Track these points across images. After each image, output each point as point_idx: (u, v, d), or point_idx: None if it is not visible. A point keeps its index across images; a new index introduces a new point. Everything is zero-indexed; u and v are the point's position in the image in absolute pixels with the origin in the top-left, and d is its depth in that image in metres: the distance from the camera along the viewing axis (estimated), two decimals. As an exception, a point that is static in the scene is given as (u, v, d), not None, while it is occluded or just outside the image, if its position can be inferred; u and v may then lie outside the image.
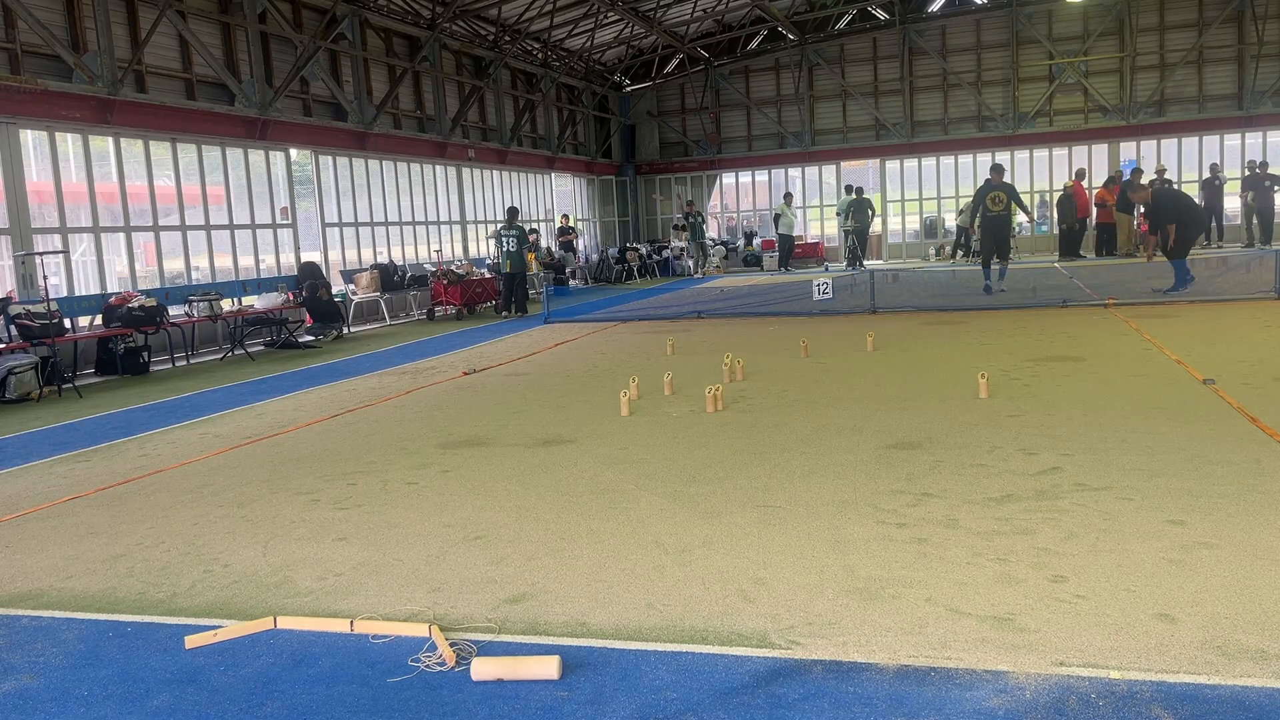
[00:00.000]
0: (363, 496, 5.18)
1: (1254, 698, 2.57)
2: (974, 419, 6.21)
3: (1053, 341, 9.55)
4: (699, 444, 5.96)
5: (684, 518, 4.44)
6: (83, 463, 6.51)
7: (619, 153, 28.41)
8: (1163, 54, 23.90)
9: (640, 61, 27.16)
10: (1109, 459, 5.03)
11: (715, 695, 2.76)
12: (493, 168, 21.92)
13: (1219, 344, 8.81)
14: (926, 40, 25.43)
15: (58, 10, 11.93)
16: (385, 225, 18.31)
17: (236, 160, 14.83)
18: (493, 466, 5.68)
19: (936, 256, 24.79)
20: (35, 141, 11.80)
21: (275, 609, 3.58)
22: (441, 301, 16.75)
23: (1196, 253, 15.38)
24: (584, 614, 3.39)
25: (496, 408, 7.66)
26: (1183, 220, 12.93)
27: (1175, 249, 12.89)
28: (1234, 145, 23.83)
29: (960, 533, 4.01)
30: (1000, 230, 14.49)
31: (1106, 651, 2.87)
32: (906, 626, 3.13)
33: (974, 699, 2.65)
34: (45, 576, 4.17)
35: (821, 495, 4.69)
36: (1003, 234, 14.64)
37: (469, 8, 19.37)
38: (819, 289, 14.01)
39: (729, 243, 27.47)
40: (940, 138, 25.77)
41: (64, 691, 3.04)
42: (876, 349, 9.67)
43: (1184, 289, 12.69)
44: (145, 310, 11.38)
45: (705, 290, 19.33)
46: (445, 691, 2.88)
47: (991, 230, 14.37)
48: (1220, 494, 4.34)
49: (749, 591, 3.50)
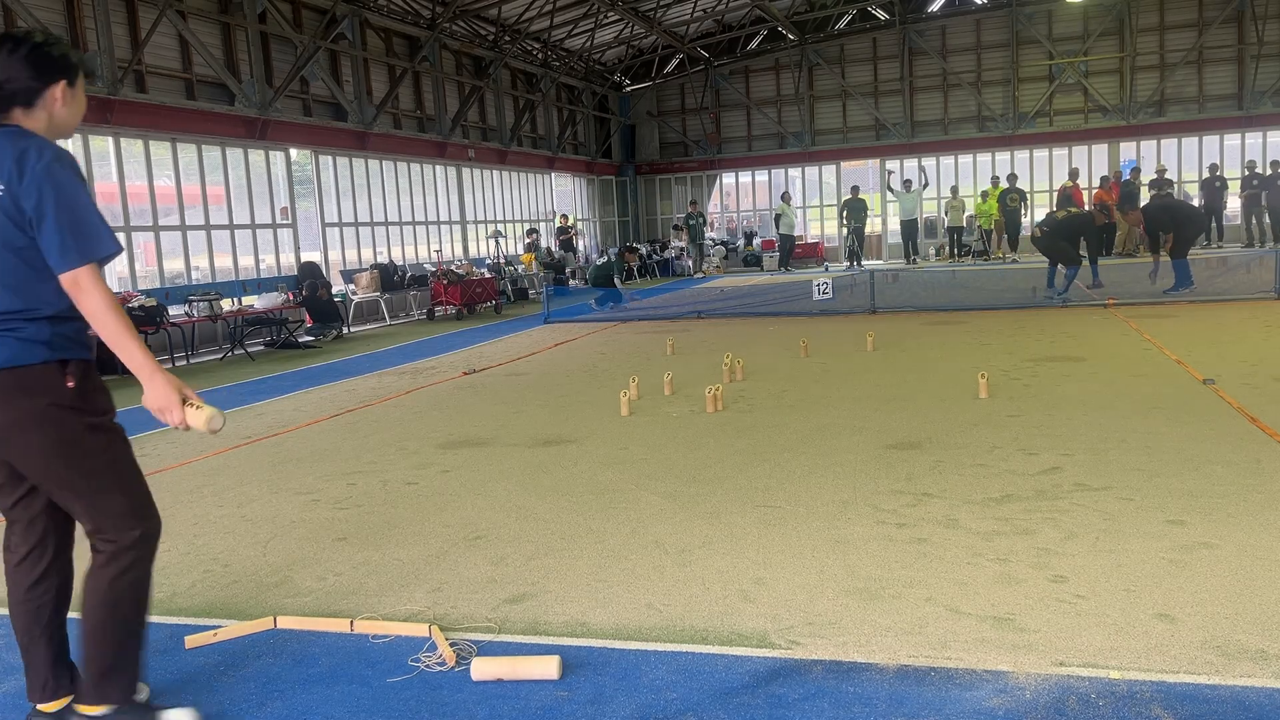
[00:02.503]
0: (363, 496, 5.18)
1: (1254, 698, 2.57)
2: (974, 419, 6.21)
3: (1053, 341, 9.55)
4: (699, 444, 5.96)
5: (684, 518, 4.44)
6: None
7: (619, 153, 28.41)
8: (1163, 54, 23.91)
9: (640, 61, 27.16)
10: (1109, 459, 5.03)
11: (715, 695, 2.76)
12: (493, 168, 21.93)
13: (1219, 344, 8.81)
14: (926, 40, 25.44)
15: (57, 10, 11.94)
16: (385, 225, 18.31)
17: (236, 160, 14.84)
18: (493, 466, 5.68)
19: (936, 257, 24.79)
20: (35, 141, 11.79)
21: (275, 609, 3.58)
22: (441, 301, 16.75)
23: (1196, 253, 15.37)
24: (584, 614, 3.39)
25: (496, 408, 7.66)
26: (1178, 225, 13.01)
27: (1175, 250, 12.94)
28: (1234, 145, 23.83)
29: (960, 533, 4.01)
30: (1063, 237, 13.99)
31: (1106, 651, 2.87)
32: (906, 626, 3.13)
33: (974, 699, 2.65)
34: (45, 576, 4.17)
35: (821, 495, 4.69)
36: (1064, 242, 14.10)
37: (469, 8, 19.37)
38: (819, 289, 14.02)
39: (729, 243, 27.48)
40: (940, 138, 25.77)
41: (64, 691, 3.04)
42: (876, 349, 9.67)
43: (1185, 290, 12.70)
44: (145, 310, 11.39)
45: (705, 290, 19.33)
46: (445, 691, 2.88)
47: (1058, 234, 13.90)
48: (1220, 494, 4.34)
49: (749, 591, 3.51)
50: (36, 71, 2.49)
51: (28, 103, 2.50)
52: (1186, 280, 12.81)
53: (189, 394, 2.50)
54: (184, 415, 2.47)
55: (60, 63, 2.53)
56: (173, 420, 2.49)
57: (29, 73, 2.48)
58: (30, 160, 2.40)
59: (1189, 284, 12.79)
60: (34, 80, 2.49)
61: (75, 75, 2.60)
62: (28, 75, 2.48)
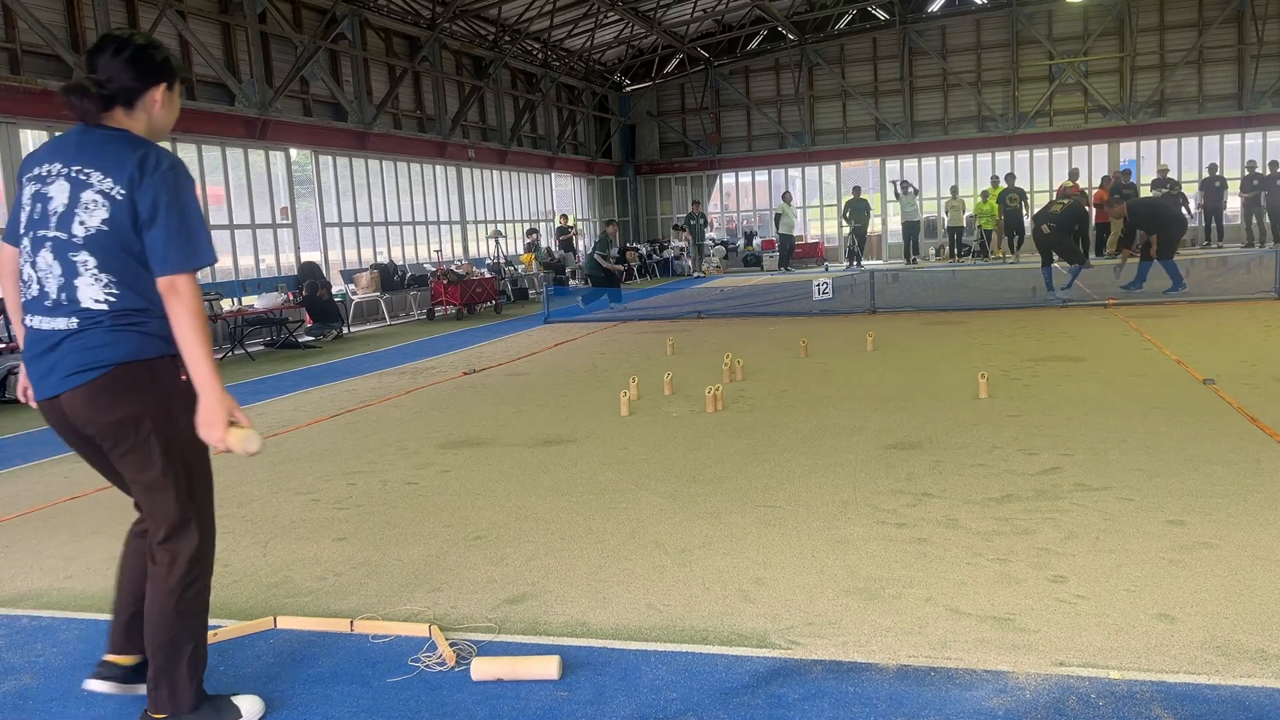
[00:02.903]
0: (362, 496, 5.18)
1: (1254, 698, 2.57)
2: (974, 419, 6.21)
3: (1053, 341, 9.55)
4: (699, 444, 5.96)
5: (684, 518, 4.44)
6: (83, 463, 6.49)
7: (619, 153, 28.41)
8: (1163, 54, 23.90)
9: (640, 61, 27.16)
10: (1109, 459, 5.03)
11: (715, 695, 2.76)
12: (493, 168, 21.93)
13: (1219, 344, 8.81)
14: (926, 40, 25.44)
15: (58, 10, 11.94)
16: (385, 225, 18.31)
17: (236, 160, 14.83)
18: (493, 466, 5.68)
19: (936, 257, 24.79)
20: (35, 141, 11.80)
21: (275, 609, 3.58)
22: (441, 301, 16.75)
23: (1197, 253, 15.38)
24: (584, 614, 3.39)
25: (496, 408, 7.66)
26: (1162, 226, 13.05)
27: (1162, 252, 12.99)
28: (1234, 145, 23.83)
29: (960, 533, 4.01)
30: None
31: (1106, 651, 2.87)
32: (906, 626, 3.13)
33: (974, 699, 2.65)
34: (45, 576, 4.17)
35: (821, 495, 4.69)
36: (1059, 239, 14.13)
37: (469, 8, 19.37)
38: (819, 289, 14.01)
39: (729, 243, 27.48)
40: (940, 138, 25.77)
41: (64, 691, 3.04)
42: (876, 349, 9.67)
43: (1182, 290, 12.72)
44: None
45: (705, 290, 19.33)
46: (445, 691, 2.88)
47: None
48: (1220, 494, 4.34)
49: (749, 591, 3.51)
50: (138, 73, 2.56)
51: (128, 104, 2.57)
52: (1180, 282, 12.86)
53: (237, 415, 2.56)
54: (225, 435, 2.53)
55: (161, 66, 2.61)
56: (213, 438, 2.54)
57: (131, 74, 2.55)
58: (150, 164, 2.48)
59: (1183, 285, 12.82)
60: (135, 82, 2.56)
61: (174, 79, 2.68)
62: (130, 77, 2.55)
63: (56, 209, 2.51)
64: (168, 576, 2.59)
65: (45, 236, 2.52)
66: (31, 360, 2.57)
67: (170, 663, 2.60)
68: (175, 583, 2.59)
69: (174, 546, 2.60)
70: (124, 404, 2.51)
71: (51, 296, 2.51)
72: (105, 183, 2.48)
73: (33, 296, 2.55)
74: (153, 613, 2.59)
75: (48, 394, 2.55)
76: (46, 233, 2.52)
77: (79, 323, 2.49)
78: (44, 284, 2.52)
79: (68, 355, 2.50)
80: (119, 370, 2.50)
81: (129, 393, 2.52)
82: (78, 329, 2.49)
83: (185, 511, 2.62)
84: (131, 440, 2.55)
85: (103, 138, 2.54)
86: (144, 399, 2.53)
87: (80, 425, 2.56)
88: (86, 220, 2.48)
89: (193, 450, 2.64)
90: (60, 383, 2.51)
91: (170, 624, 2.58)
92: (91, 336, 2.49)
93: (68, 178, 2.51)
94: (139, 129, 2.59)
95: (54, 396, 2.54)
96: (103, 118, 2.57)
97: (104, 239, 2.48)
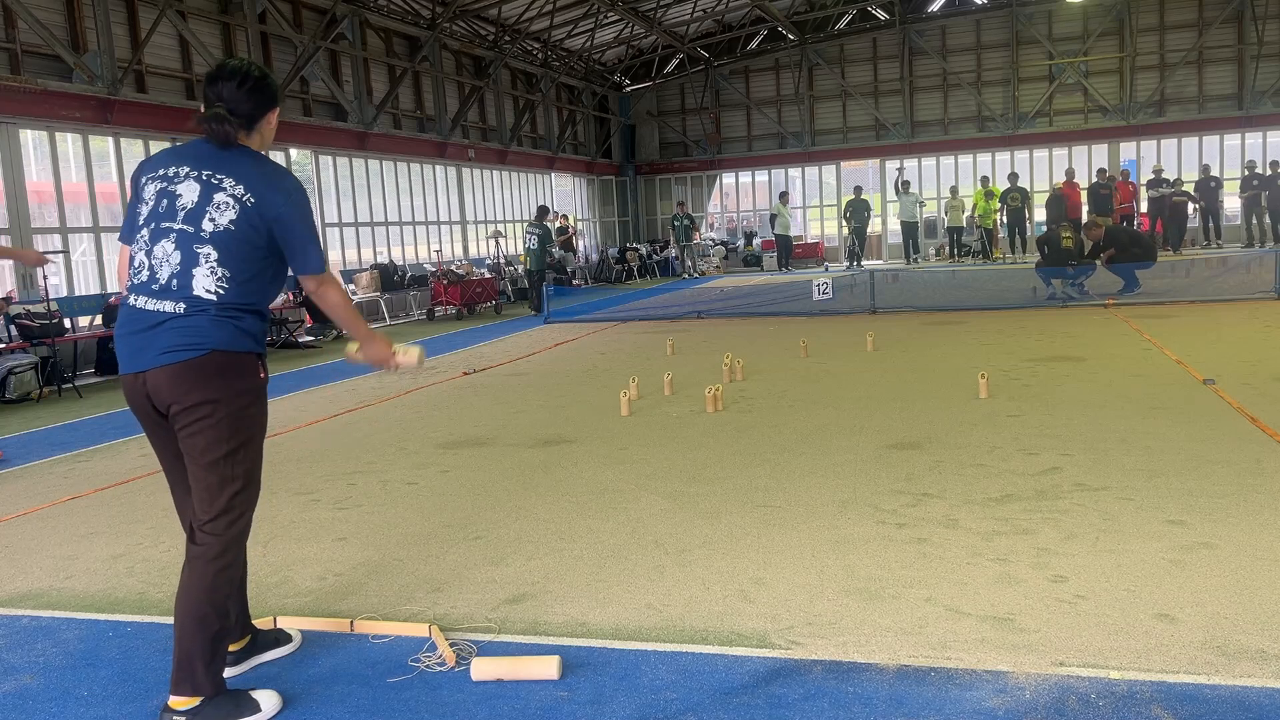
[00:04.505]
0: (362, 496, 5.18)
1: (1254, 698, 2.57)
2: (974, 419, 6.21)
3: (1053, 341, 9.55)
4: (699, 444, 5.96)
5: (684, 518, 4.44)
6: (83, 463, 6.51)
7: (619, 153, 28.41)
8: (1163, 54, 23.90)
9: (640, 61, 27.16)
10: (1109, 459, 5.03)
11: (715, 695, 2.76)
12: (493, 168, 21.93)
13: (1219, 344, 8.81)
14: (926, 40, 25.44)
15: (58, 10, 11.94)
16: (385, 225, 18.31)
17: (236, 160, 14.81)
18: (493, 466, 5.68)
19: (936, 256, 24.79)
20: (35, 141, 11.80)
21: (275, 609, 3.58)
22: (441, 301, 16.76)
23: (1197, 253, 15.37)
24: (584, 614, 3.39)
25: (496, 408, 7.66)
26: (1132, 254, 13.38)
27: (1116, 259, 13.31)
28: (1234, 145, 23.83)
29: (960, 533, 4.01)
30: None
31: (1106, 651, 2.87)
32: (906, 626, 3.13)
33: (974, 699, 2.65)
34: (45, 576, 4.17)
35: (821, 495, 4.69)
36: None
37: (469, 8, 19.37)
38: (819, 289, 14.01)
39: (729, 243, 27.46)
40: (940, 138, 25.77)
41: (64, 691, 3.04)
42: (876, 349, 9.67)
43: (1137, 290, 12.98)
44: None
45: (705, 290, 19.33)
46: (445, 692, 2.88)
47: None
48: (1220, 494, 4.34)
49: (749, 592, 3.50)
50: (258, 101, 2.89)
51: (249, 127, 2.89)
52: (1134, 282, 13.15)
53: (396, 347, 3.12)
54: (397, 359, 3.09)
55: (274, 92, 2.95)
56: (391, 364, 3.10)
57: (253, 102, 2.87)
58: (279, 179, 2.83)
59: (1138, 285, 13.13)
60: (255, 109, 2.89)
61: (280, 101, 3.04)
62: (252, 105, 2.87)
63: (186, 205, 2.75)
64: (205, 558, 2.74)
65: (170, 228, 2.75)
66: (124, 337, 2.76)
67: (194, 644, 2.70)
68: (210, 564, 2.74)
69: (216, 529, 2.76)
70: (208, 387, 2.70)
71: (161, 281, 2.72)
72: (237, 189, 2.76)
73: (142, 280, 2.75)
74: (185, 592, 2.73)
75: (136, 368, 2.73)
76: (172, 225, 2.75)
77: (186, 308, 2.71)
78: (156, 270, 2.73)
79: (166, 335, 2.69)
80: (212, 355, 2.70)
81: (215, 378, 2.71)
82: (184, 313, 2.71)
83: (232, 501, 2.78)
84: (206, 421, 2.71)
85: (237, 152, 2.83)
86: (226, 386, 2.72)
87: (160, 402, 2.73)
88: (217, 218, 2.74)
89: (254, 447, 2.84)
90: (154, 359, 2.69)
91: (200, 604, 2.71)
92: (194, 320, 2.70)
93: (199, 180, 2.77)
94: (255, 145, 2.92)
95: (142, 371, 2.71)
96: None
97: (228, 238, 2.74)
